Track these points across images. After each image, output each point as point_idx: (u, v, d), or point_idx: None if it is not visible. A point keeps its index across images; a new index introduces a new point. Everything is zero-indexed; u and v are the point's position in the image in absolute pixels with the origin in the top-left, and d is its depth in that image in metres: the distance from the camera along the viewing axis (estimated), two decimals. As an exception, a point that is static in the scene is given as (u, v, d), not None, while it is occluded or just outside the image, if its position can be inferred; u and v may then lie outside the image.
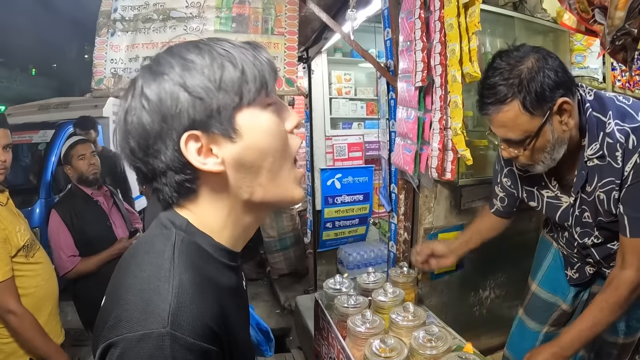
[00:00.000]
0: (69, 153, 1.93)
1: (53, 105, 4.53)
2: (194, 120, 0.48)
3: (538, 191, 1.19)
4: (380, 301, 1.25)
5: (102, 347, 0.44)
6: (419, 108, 1.38)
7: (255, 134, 0.50)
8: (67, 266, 1.79)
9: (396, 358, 0.96)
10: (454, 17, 1.15)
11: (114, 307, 0.47)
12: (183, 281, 0.46)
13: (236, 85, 0.49)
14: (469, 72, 1.16)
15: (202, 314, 0.45)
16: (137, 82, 0.50)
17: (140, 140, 0.49)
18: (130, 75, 1.45)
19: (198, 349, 0.43)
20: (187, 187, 0.51)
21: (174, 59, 0.49)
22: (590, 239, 1.11)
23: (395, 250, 1.83)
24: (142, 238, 0.56)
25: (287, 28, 1.44)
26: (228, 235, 0.54)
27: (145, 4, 1.46)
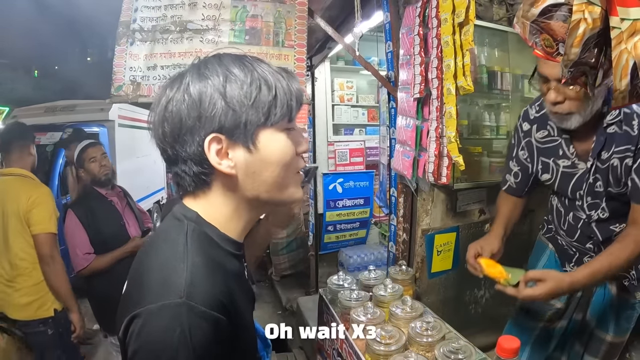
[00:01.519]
0: (80, 157, 2.00)
1: (59, 107, 4.60)
2: (222, 125, 0.55)
3: (554, 162, 1.22)
4: (381, 295, 1.34)
5: (127, 319, 0.51)
6: (417, 117, 1.49)
7: (270, 151, 0.57)
8: (83, 263, 1.84)
9: (395, 345, 1.05)
10: (449, 35, 1.26)
11: (136, 286, 0.55)
12: (195, 262, 0.53)
13: (266, 107, 0.56)
14: (463, 86, 1.27)
15: (213, 289, 0.52)
16: (185, 78, 0.57)
17: (174, 128, 0.56)
18: (149, 83, 1.55)
19: (210, 317, 0.50)
20: (202, 179, 0.58)
21: (220, 67, 0.56)
22: (597, 212, 1.16)
23: (394, 250, 1.92)
24: (159, 229, 0.63)
25: (296, 41, 1.55)
26: (233, 227, 0.61)
27: (163, 16, 1.56)
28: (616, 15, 0.45)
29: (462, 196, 1.83)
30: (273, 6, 1.55)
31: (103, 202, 2.00)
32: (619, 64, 0.47)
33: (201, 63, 0.58)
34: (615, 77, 0.49)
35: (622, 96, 0.51)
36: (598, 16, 0.47)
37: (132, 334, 0.49)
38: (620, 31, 0.45)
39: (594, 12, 0.47)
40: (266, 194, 0.59)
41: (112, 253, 1.90)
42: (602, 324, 1.28)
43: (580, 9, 0.47)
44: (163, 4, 1.55)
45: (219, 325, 0.51)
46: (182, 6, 1.53)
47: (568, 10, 0.50)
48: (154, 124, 0.58)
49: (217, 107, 0.54)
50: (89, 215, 1.90)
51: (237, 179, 0.58)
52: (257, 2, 1.55)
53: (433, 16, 1.35)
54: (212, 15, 1.52)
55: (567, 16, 0.51)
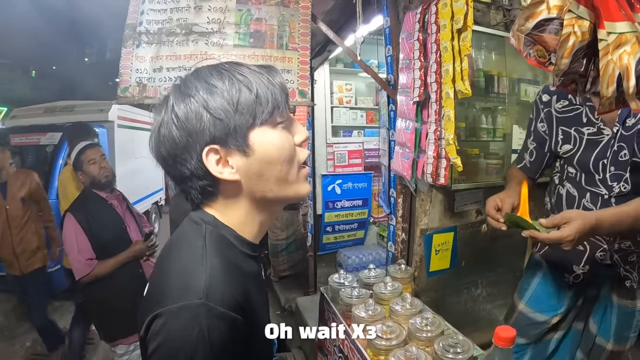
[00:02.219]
0: (79, 159, 1.91)
1: (59, 108, 4.61)
2: (214, 136, 0.56)
3: (577, 131, 1.20)
4: (381, 293, 1.37)
5: (149, 319, 0.53)
6: (416, 120, 1.53)
7: (266, 149, 0.58)
8: (86, 270, 1.77)
9: (396, 340, 1.08)
10: (448, 40, 1.31)
11: (157, 288, 0.57)
12: (214, 264, 0.55)
13: (251, 108, 0.56)
14: (461, 90, 1.31)
15: (230, 290, 0.54)
16: (169, 100, 0.58)
17: (170, 150, 0.58)
18: (154, 85, 1.58)
19: (227, 317, 0.52)
20: (209, 190, 0.60)
21: (199, 82, 0.57)
22: (620, 184, 1.13)
23: (393, 249, 1.96)
24: (177, 233, 0.64)
25: (300, 44, 1.58)
26: (248, 230, 0.63)
27: (169, 19, 1.59)
28: (603, 29, 0.49)
29: (459, 197, 1.87)
30: (277, 10, 1.59)
31: (103, 206, 1.93)
32: (605, 73, 0.51)
33: (181, 83, 0.59)
34: (603, 85, 0.53)
35: (609, 102, 0.55)
36: (587, 29, 0.51)
37: (153, 332, 0.52)
38: (607, 43, 0.49)
39: (583, 26, 0.51)
40: (271, 192, 0.61)
41: (115, 258, 1.83)
42: (603, 331, 1.29)
43: (571, 23, 0.52)
44: (169, 7, 1.58)
45: (235, 325, 0.53)
46: (187, 9, 1.56)
47: (559, 23, 0.54)
48: (154, 150, 0.60)
49: (204, 120, 0.55)
50: (90, 219, 1.82)
51: (242, 183, 0.59)
52: (261, 6, 1.58)
53: (432, 22, 1.39)
54: (217, 19, 1.55)
55: (559, 29, 0.55)
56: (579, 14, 0.51)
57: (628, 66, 0.48)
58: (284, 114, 0.60)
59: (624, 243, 1.19)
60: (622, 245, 1.20)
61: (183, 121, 0.56)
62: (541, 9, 0.55)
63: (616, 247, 1.21)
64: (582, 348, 1.37)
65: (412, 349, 0.99)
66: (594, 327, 1.32)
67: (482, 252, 1.95)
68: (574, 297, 1.34)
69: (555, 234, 0.96)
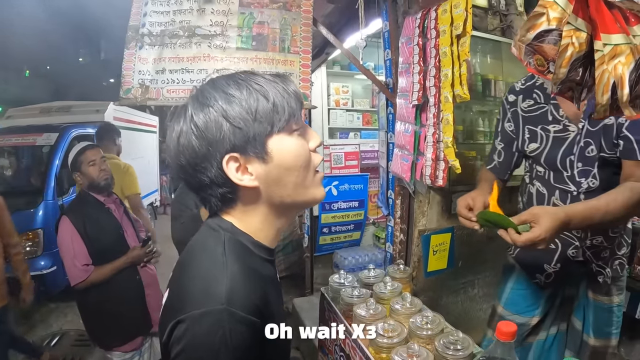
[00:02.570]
0: (77, 159, 1.86)
1: (55, 108, 4.59)
2: (234, 145, 0.58)
3: (543, 129, 1.21)
4: (381, 292, 1.40)
5: (171, 325, 0.54)
6: (415, 123, 1.56)
7: (283, 156, 0.60)
8: (82, 275, 1.72)
9: (397, 338, 1.11)
10: (447, 46, 1.34)
11: (178, 295, 0.58)
12: (234, 270, 0.57)
13: (268, 116, 0.58)
14: (459, 94, 1.34)
15: (250, 295, 0.56)
16: (187, 109, 0.59)
17: (190, 159, 0.59)
18: (157, 86, 1.59)
19: (248, 322, 0.54)
20: (228, 197, 0.62)
21: (217, 92, 0.58)
22: (588, 180, 1.14)
23: (391, 250, 1.99)
24: (196, 240, 0.66)
25: (302, 47, 1.61)
26: (264, 235, 0.65)
27: (172, 21, 1.60)
28: (600, 40, 0.52)
29: (456, 198, 1.90)
30: (279, 13, 1.61)
31: (101, 209, 1.87)
32: (601, 82, 0.54)
33: (198, 93, 0.61)
34: (598, 93, 0.56)
35: (604, 109, 0.58)
36: (584, 40, 0.55)
37: (176, 338, 0.53)
38: (603, 54, 0.53)
39: (581, 37, 0.55)
40: (289, 197, 0.63)
41: (112, 264, 1.78)
42: (587, 327, 1.31)
43: (569, 35, 0.55)
44: (172, 10, 1.59)
45: (255, 328, 0.55)
46: (190, 12, 1.58)
47: (558, 34, 0.58)
48: (172, 159, 0.62)
49: (224, 129, 0.57)
50: (87, 222, 1.77)
51: (260, 189, 0.61)
52: (263, 9, 1.60)
53: (432, 27, 1.43)
54: (220, 21, 1.57)
55: (557, 40, 0.58)
56: (577, 26, 0.54)
57: (622, 76, 0.51)
58: (299, 122, 0.62)
59: (595, 239, 1.21)
60: (594, 242, 1.21)
61: (203, 130, 0.57)
62: (541, 21, 0.58)
63: (588, 243, 1.22)
64: (569, 347, 1.38)
65: (414, 346, 1.01)
66: (578, 323, 1.34)
67: (478, 253, 1.98)
68: (550, 298, 1.36)
69: (527, 235, 0.93)
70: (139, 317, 1.89)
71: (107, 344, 1.85)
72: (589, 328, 1.31)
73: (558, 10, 0.55)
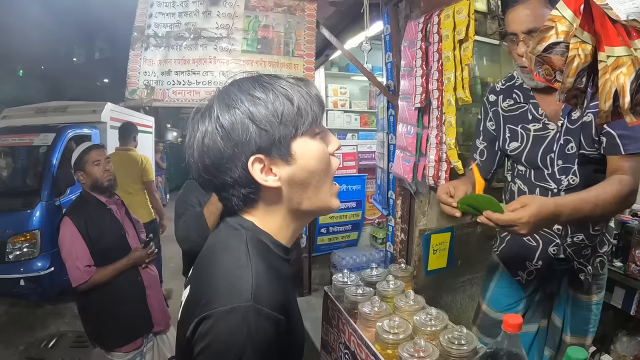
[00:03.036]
0: (82, 159, 1.85)
1: (51, 108, 4.55)
2: (259, 146, 0.59)
3: (523, 128, 1.23)
4: (384, 290, 1.43)
5: (196, 321, 0.54)
6: (417, 125, 1.60)
7: (306, 158, 0.61)
8: (84, 277, 1.71)
9: (403, 334, 1.14)
10: (450, 50, 1.38)
11: (202, 292, 0.58)
12: (259, 268, 0.58)
13: (293, 120, 0.60)
14: (462, 97, 1.38)
15: (275, 292, 0.57)
16: (213, 110, 0.60)
17: (214, 160, 0.60)
18: (163, 87, 1.61)
19: (273, 319, 0.55)
20: (250, 198, 0.63)
21: (242, 94, 0.59)
22: (568, 177, 1.15)
23: (392, 250, 2.03)
24: (216, 238, 0.67)
25: (305, 51, 1.64)
26: (283, 235, 0.67)
27: (177, 23, 1.61)
28: (603, 52, 0.56)
29: (456, 199, 1.95)
30: (284, 17, 1.64)
31: (102, 210, 1.88)
32: (604, 90, 0.58)
33: (223, 94, 0.61)
34: (601, 100, 0.60)
35: (606, 115, 0.62)
36: (589, 52, 0.58)
37: (201, 333, 0.54)
38: (606, 64, 0.57)
39: (586, 49, 0.58)
40: (308, 201, 0.64)
41: (113, 265, 1.79)
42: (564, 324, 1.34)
43: (575, 47, 0.59)
44: (177, 11, 1.61)
45: (280, 326, 0.56)
46: (196, 14, 1.60)
47: (565, 46, 0.62)
48: (194, 159, 0.62)
49: (250, 131, 0.58)
50: (88, 223, 1.77)
51: (282, 191, 0.62)
52: (268, 13, 1.63)
53: (434, 32, 1.47)
54: (226, 24, 1.59)
55: (564, 51, 0.62)
56: (583, 39, 0.58)
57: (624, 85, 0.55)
58: (321, 125, 0.64)
59: (576, 237, 1.22)
60: (575, 239, 1.23)
61: (229, 131, 0.58)
62: (550, 34, 0.62)
63: (569, 241, 1.24)
64: (548, 344, 1.39)
65: (421, 341, 1.04)
66: (558, 320, 1.36)
67: (476, 252, 2.03)
68: (532, 295, 1.38)
69: (509, 215, 0.90)
70: (140, 317, 1.90)
71: (108, 345, 1.85)
72: (566, 326, 1.33)
73: (566, 24, 0.59)
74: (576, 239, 1.23)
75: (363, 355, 1.24)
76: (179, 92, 1.56)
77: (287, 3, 1.64)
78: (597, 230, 1.22)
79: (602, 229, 1.24)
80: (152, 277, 2.00)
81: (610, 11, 0.52)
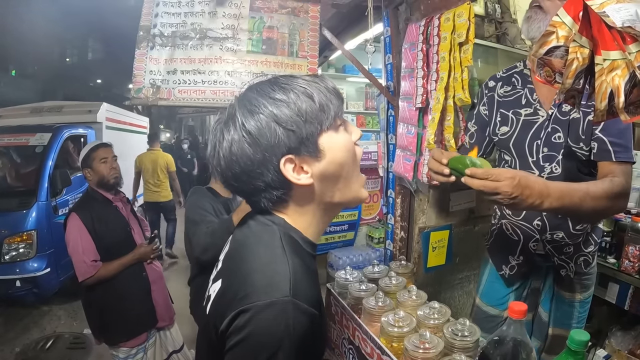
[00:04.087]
0: (90, 156, 1.89)
1: (46, 108, 4.52)
2: (289, 147, 0.59)
3: (514, 113, 1.25)
4: (387, 286, 1.47)
5: (233, 314, 0.55)
6: (418, 125, 1.64)
7: (334, 151, 0.62)
8: (90, 271, 1.75)
9: (407, 327, 1.18)
10: (446, 51, 1.43)
11: (239, 286, 0.58)
12: (295, 263, 0.59)
13: (317, 116, 0.60)
14: (461, 98, 1.43)
15: (311, 288, 0.59)
16: (236, 118, 0.60)
17: (244, 167, 0.60)
18: (168, 87, 1.63)
19: (310, 313, 0.56)
20: (282, 199, 0.63)
21: (263, 98, 0.60)
22: (551, 165, 1.16)
23: (391, 247, 2.07)
24: (247, 232, 0.67)
25: (309, 52, 1.68)
26: (312, 232, 0.67)
27: (183, 23, 1.64)
28: (600, 55, 0.61)
29: (454, 197, 1.99)
30: (288, 18, 1.67)
31: (109, 207, 1.92)
32: (600, 91, 0.63)
33: (244, 99, 0.61)
34: (597, 100, 0.65)
35: (602, 114, 0.67)
36: (587, 55, 0.63)
37: (237, 326, 0.54)
38: (602, 67, 0.61)
39: (584, 53, 0.63)
40: (338, 193, 0.65)
41: (119, 260, 1.82)
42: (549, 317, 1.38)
43: (574, 50, 0.64)
44: (183, 11, 1.63)
45: (315, 320, 0.57)
46: (202, 14, 1.62)
47: (564, 50, 0.66)
48: (222, 169, 0.62)
49: (278, 134, 0.58)
50: (95, 219, 1.81)
51: (314, 187, 0.63)
52: (273, 14, 1.66)
53: (434, 35, 1.51)
54: (231, 25, 1.62)
55: (564, 54, 0.66)
56: (582, 43, 0.63)
57: (619, 86, 0.60)
58: (342, 117, 0.65)
59: (556, 234, 1.24)
60: (554, 237, 1.24)
61: (257, 137, 0.58)
62: (552, 39, 0.66)
63: (548, 237, 1.26)
64: (536, 335, 1.42)
65: (426, 334, 1.08)
66: (544, 314, 1.39)
67: (474, 249, 2.08)
68: (519, 291, 1.42)
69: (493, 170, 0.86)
70: (144, 312, 1.93)
71: (113, 340, 1.87)
72: (549, 318, 1.36)
73: (566, 30, 0.64)
74: (556, 237, 1.25)
75: (368, 349, 1.28)
76: (185, 91, 1.58)
77: (291, 5, 1.67)
78: (579, 230, 1.24)
79: (587, 229, 1.26)
80: (156, 273, 2.03)
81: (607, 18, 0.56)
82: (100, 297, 1.82)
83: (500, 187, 0.82)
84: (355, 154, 0.67)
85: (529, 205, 0.85)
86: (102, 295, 1.82)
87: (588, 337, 0.68)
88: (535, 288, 1.42)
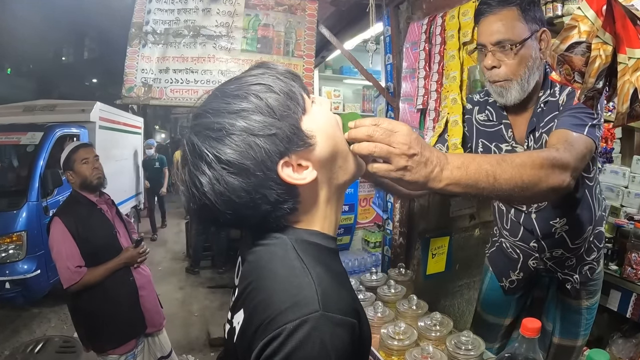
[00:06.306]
0: (70, 157, 1.81)
1: (39, 107, 4.43)
2: (279, 152, 0.52)
3: (497, 147, 1.23)
4: (385, 295, 1.41)
5: (262, 344, 0.48)
6: (419, 127, 1.59)
7: (320, 128, 0.57)
8: (75, 278, 1.67)
9: (408, 340, 1.12)
10: (455, 49, 1.38)
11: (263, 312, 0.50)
12: (318, 273, 0.52)
13: (287, 106, 0.54)
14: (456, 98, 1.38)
15: (341, 295, 0.52)
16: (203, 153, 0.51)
17: (242, 200, 0.52)
18: (160, 85, 1.57)
19: (346, 324, 0.49)
20: (293, 207, 0.56)
21: (224, 117, 0.52)
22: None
23: (390, 253, 2.01)
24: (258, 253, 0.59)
25: (305, 51, 1.62)
26: (328, 224, 0.60)
27: (176, 20, 1.58)
28: (624, 54, 0.56)
29: (454, 203, 1.95)
30: (284, 16, 1.62)
31: (93, 210, 1.83)
32: (622, 92, 0.58)
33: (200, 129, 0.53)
34: (619, 102, 0.60)
35: (622, 117, 0.62)
36: (610, 53, 0.58)
37: (267, 355, 0.47)
38: (626, 66, 0.56)
39: (607, 50, 0.58)
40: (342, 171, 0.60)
41: (105, 265, 1.75)
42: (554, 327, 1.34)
43: (597, 47, 0.58)
44: (176, 8, 1.57)
45: (354, 330, 0.51)
46: (195, 11, 1.57)
47: (586, 47, 0.61)
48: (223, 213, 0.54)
49: (261, 145, 0.52)
50: (79, 223, 1.73)
51: (318, 178, 0.57)
52: (269, 12, 1.61)
53: (437, 34, 1.46)
54: (226, 22, 1.56)
55: (585, 51, 0.61)
56: (605, 40, 0.58)
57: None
58: (307, 93, 0.59)
59: (555, 251, 1.22)
60: (553, 254, 1.23)
61: (241, 163, 0.51)
62: (573, 33, 0.61)
63: (548, 255, 1.24)
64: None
65: (429, 347, 1.03)
66: (548, 325, 1.36)
67: (474, 256, 2.03)
68: (521, 299, 1.39)
69: (383, 129, 0.61)
70: (133, 318, 1.86)
71: (101, 347, 1.80)
72: (554, 328, 1.33)
73: (588, 24, 0.59)
74: (555, 254, 1.22)
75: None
76: (177, 90, 1.53)
77: (288, 2, 1.62)
78: (578, 243, 1.22)
79: (587, 239, 1.23)
80: (144, 278, 1.97)
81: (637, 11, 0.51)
82: (87, 304, 1.75)
83: (396, 138, 0.60)
84: (338, 122, 0.62)
85: (427, 174, 0.62)
86: (88, 301, 1.75)
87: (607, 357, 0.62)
88: (539, 298, 1.39)
